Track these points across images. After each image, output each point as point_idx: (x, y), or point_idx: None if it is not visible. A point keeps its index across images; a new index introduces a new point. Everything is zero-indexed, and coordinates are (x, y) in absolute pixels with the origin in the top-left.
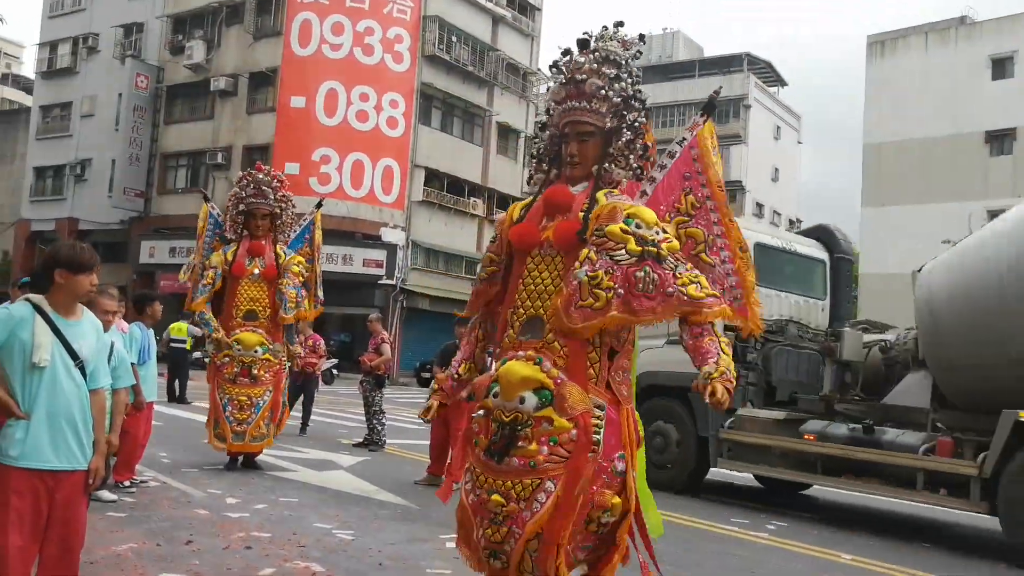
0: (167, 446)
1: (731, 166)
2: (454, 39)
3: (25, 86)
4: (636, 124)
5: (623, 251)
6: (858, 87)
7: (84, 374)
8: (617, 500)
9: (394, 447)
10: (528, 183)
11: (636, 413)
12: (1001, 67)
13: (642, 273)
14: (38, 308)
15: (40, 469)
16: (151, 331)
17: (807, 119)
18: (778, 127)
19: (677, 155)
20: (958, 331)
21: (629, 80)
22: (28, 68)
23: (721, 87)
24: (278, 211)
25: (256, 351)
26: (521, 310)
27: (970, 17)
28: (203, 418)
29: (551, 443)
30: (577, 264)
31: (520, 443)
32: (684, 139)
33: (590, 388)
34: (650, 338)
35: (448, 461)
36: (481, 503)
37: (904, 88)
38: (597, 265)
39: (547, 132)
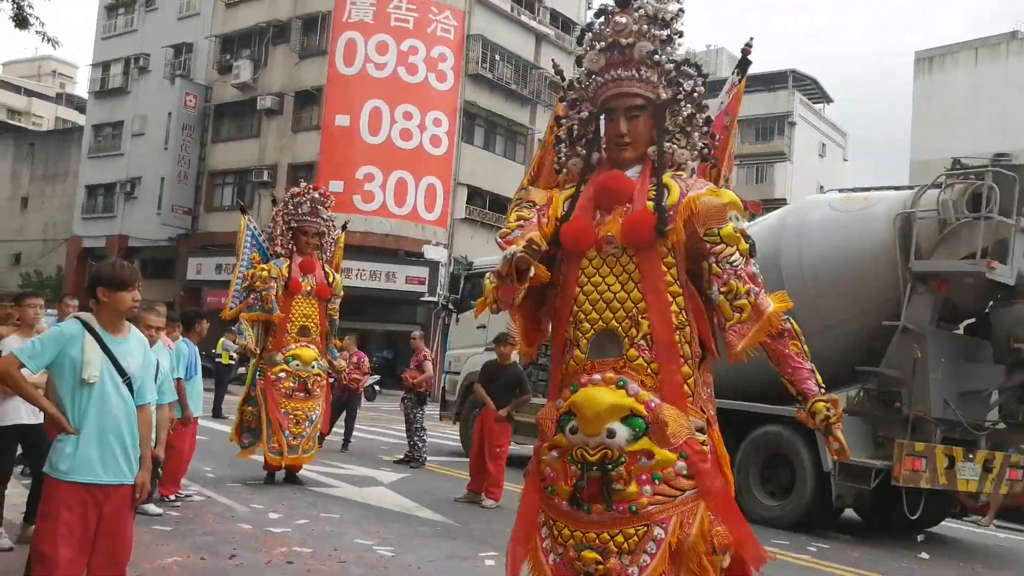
0: (211, 461)
1: (776, 183)
2: (497, 57)
3: (79, 105)
4: (695, 94)
5: (737, 254)
6: (886, 101)
7: (131, 390)
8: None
9: (435, 464)
10: (558, 171)
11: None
12: None
13: (757, 269)
14: (87, 325)
15: (89, 483)
16: (196, 347)
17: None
18: (823, 144)
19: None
20: None
21: (680, 41)
22: (81, 88)
23: (753, 38)
24: (325, 230)
25: (312, 366)
26: (587, 324)
27: (1021, 32)
28: None
29: (655, 481)
30: (705, 287)
31: (615, 485)
32: (722, 103)
33: (689, 409)
34: (472, 347)
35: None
36: (567, 562)
37: (953, 105)
38: (724, 277)
39: (580, 109)
